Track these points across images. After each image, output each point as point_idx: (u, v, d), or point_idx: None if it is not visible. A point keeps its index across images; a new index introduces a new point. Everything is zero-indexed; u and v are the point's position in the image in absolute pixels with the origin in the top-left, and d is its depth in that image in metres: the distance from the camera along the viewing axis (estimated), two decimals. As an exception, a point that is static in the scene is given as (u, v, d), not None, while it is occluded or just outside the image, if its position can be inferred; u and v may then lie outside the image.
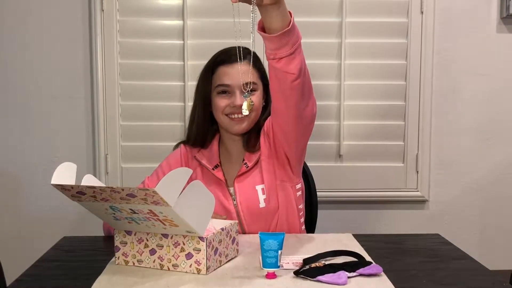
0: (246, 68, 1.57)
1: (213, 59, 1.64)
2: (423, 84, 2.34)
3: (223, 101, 1.59)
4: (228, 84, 1.58)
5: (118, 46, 2.31)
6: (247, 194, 1.59)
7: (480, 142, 2.40)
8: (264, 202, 1.58)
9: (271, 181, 1.60)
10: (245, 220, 1.59)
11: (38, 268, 1.30)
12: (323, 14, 2.32)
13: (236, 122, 1.59)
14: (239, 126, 1.60)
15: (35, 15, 2.30)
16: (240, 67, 1.55)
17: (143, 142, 2.34)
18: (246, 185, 1.60)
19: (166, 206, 1.12)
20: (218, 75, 1.60)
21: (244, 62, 1.56)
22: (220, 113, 1.60)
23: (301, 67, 1.39)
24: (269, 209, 1.59)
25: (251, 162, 1.61)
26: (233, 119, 1.59)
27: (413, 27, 2.33)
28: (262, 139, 1.63)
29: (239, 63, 1.54)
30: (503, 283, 1.20)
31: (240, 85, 1.56)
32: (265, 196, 1.58)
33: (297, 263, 1.27)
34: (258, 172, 1.61)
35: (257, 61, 1.62)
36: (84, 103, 2.34)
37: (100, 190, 1.15)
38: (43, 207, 2.37)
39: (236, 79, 1.56)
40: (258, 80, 1.61)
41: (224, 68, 1.59)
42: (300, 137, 1.55)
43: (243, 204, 1.59)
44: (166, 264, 1.25)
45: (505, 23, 2.34)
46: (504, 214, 2.43)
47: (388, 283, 1.17)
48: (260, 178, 1.60)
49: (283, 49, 1.37)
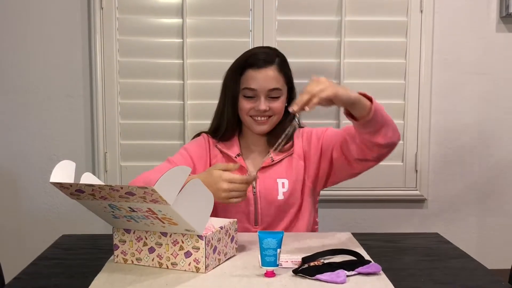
0: (273, 74, 1.61)
1: (243, 60, 1.65)
2: (422, 83, 2.34)
3: (248, 103, 1.63)
4: (254, 89, 1.61)
5: (117, 44, 2.30)
6: (267, 184, 1.64)
7: (479, 141, 2.40)
8: (283, 195, 1.63)
9: (296, 179, 1.65)
10: (261, 209, 1.63)
11: (37, 266, 1.30)
12: (322, 13, 2.32)
13: (258, 124, 1.65)
14: (261, 128, 1.65)
15: (34, 13, 2.29)
16: (267, 72, 1.60)
17: (142, 140, 2.34)
18: (268, 176, 1.64)
19: (165, 205, 1.12)
20: (245, 78, 1.63)
21: (271, 68, 1.61)
22: (244, 114, 1.65)
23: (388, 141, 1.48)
24: (286, 202, 1.64)
25: (278, 157, 1.66)
26: (256, 121, 1.64)
27: (412, 26, 2.33)
28: (300, 142, 1.68)
29: (267, 68, 1.61)
30: (502, 282, 1.20)
31: (265, 91, 1.61)
32: (286, 190, 1.63)
33: (296, 261, 1.27)
34: (283, 166, 1.66)
35: (284, 66, 1.65)
36: (83, 101, 2.34)
37: (99, 188, 1.14)
38: (42, 205, 2.36)
39: (262, 85, 1.60)
40: (283, 85, 1.64)
41: (252, 72, 1.62)
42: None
43: (262, 192, 1.63)
44: (165, 263, 1.25)
45: (504, 22, 2.34)
46: (502, 213, 2.43)
47: (387, 282, 1.17)
48: (284, 172, 1.65)
49: (368, 129, 1.45)
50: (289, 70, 1.67)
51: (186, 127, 2.32)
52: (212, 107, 2.30)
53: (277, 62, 1.62)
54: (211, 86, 2.32)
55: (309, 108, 1.33)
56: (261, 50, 1.69)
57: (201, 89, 2.33)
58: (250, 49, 1.73)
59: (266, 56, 1.63)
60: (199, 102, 2.33)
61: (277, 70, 1.62)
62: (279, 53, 1.67)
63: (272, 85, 1.61)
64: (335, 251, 1.34)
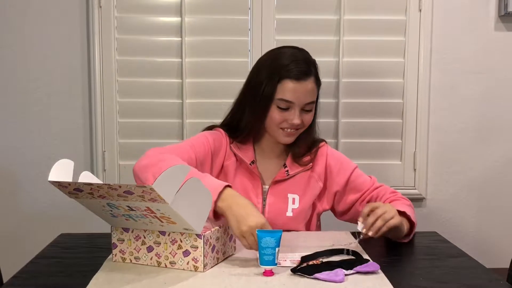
0: (311, 87, 1.53)
1: (282, 67, 1.52)
2: (420, 82, 2.34)
3: (281, 115, 1.53)
4: (291, 101, 1.52)
5: (115, 43, 2.30)
6: (277, 198, 1.59)
7: (477, 140, 2.40)
8: (292, 212, 1.58)
9: (309, 197, 1.62)
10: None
11: (35, 265, 1.30)
12: (321, 12, 2.32)
13: (286, 135, 1.56)
14: (289, 139, 1.58)
15: (33, 11, 2.29)
16: (307, 86, 1.52)
17: (141, 139, 2.34)
18: (279, 190, 1.60)
19: (163, 203, 1.12)
20: (283, 87, 1.51)
21: (310, 80, 1.53)
22: (274, 125, 1.55)
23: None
24: (294, 220, 1.59)
25: (293, 171, 1.61)
26: (285, 132, 1.56)
27: (411, 25, 2.33)
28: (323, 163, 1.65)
29: (306, 81, 1.52)
30: (500, 280, 1.20)
31: (302, 104, 1.53)
32: (296, 206, 1.58)
33: (294, 260, 1.27)
34: (297, 182, 1.62)
35: (318, 76, 1.57)
36: (81, 100, 2.33)
37: (97, 187, 1.14)
38: (40, 204, 2.36)
39: (300, 99, 1.52)
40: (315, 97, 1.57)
41: (291, 83, 1.50)
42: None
43: (271, 206, 1.59)
44: (164, 262, 1.25)
45: (503, 21, 2.34)
46: (501, 212, 2.43)
47: (385, 281, 1.17)
48: (297, 188, 1.60)
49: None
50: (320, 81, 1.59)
51: (184, 126, 2.32)
52: (210, 105, 2.33)
53: (314, 73, 1.54)
54: (210, 85, 2.33)
55: (377, 236, 1.36)
56: (299, 56, 1.54)
57: (200, 88, 2.33)
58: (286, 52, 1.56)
59: (306, 66, 1.52)
60: (198, 100, 2.33)
61: (314, 82, 1.54)
62: (312, 59, 1.58)
63: (310, 99, 1.53)
64: (334, 251, 1.34)
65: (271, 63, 1.54)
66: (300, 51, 1.57)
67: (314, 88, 1.54)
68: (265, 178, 1.62)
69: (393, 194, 1.63)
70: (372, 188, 1.66)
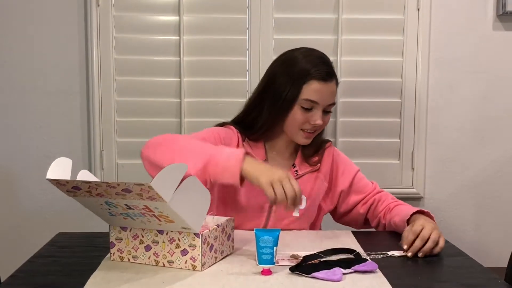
0: (335, 88, 1.58)
1: (309, 67, 1.54)
2: (419, 81, 2.34)
3: (304, 115, 1.55)
4: (316, 102, 1.54)
5: (113, 42, 2.30)
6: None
7: (475, 139, 2.40)
8: (299, 212, 1.58)
9: (315, 198, 1.63)
10: (272, 222, 1.60)
11: (33, 264, 1.30)
12: (319, 11, 2.32)
13: (306, 136, 1.58)
14: (307, 140, 1.59)
15: (31, 10, 2.28)
16: (331, 87, 1.56)
17: (139, 138, 2.33)
18: None
19: (161, 202, 1.12)
20: (309, 88, 1.53)
21: (334, 81, 1.57)
22: (296, 125, 1.56)
23: None
24: (300, 219, 1.59)
25: (302, 171, 1.63)
26: (305, 132, 1.57)
27: (409, 24, 2.33)
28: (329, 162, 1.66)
29: (331, 82, 1.56)
30: (498, 280, 1.20)
31: (326, 105, 1.56)
32: (302, 207, 1.57)
33: (292, 259, 1.27)
34: (305, 182, 1.62)
35: (337, 79, 1.61)
36: (79, 99, 2.33)
37: (95, 185, 1.14)
38: (38, 202, 2.36)
39: (325, 99, 1.55)
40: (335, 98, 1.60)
41: (317, 84, 1.53)
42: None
43: (278, 207, 1.56)
44: (162, 261, 1.25)
45: (501, 21, 2.35)
46: (499, 212, 2.43)
47: (383, 280, 1.17)
48: (304, 188, 1.59)
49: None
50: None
51: (183, 125, 2.32)
52: (208, 104, 2.33)
53: (335, 76, 1.58)
54: (208, 84, 2.33)
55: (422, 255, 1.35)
56: (325, 58, 1.59)
57: (198, 87, 2.33)
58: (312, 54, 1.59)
59: (331, 68, 1.57)
60: (196, 99, 2.33)
61: (336, 84, 1.58)
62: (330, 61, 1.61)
63: (332, 100, 1.57)
64: (334, 250, 1.34)
65: (297, 64, 1.55)
66: (322, 53, 1.61)
67: (336, 90, 1.59)
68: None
69: (395, 200, 1.66)
70: (374, 192, 1.69)
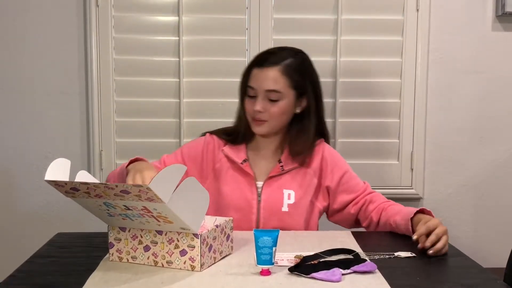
0: (274, 75, 1.57)
1: (253, 58, 1.64)
2: (418, 81, 2.34)
3: (249, 103, 1.60)
4: (253, 87, 1.58)
5: (113, 42, 2.30)
6: (272, 194, 1.60)
7: (474, 140, 2.40)
8: (288, 207, 1.59)
9: (304, 193, 1.62)
10: (263, 219, 1.60)
11: (32, 264, 1.30)
12: (319, 11, 2.32)
13: (256, 124, 1.61)
14: (258, 129, 1.61)
15: (30, 10, 2.28)
16: (268, 72, 1.56)
17: (138, 139, 2.34)
18: (274, 186, 1.61)
19: (160, 203, 1.12)
20: (250, 76, 1.60)
21: (274, 68, 1.57)
22: (248, 116, 1.62)
23: None
24: (291, 215, 1.59)
25: (288, 167, 1.63)
26: (254, 121, 1.61)
27: (408, 25, 2.33)
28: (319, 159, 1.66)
29: (269, 68, 1.56)
30: (497, 280, 1.20)
31: (263, 91, 1.57)
32: (292, 202, 1.60)
33: (291, 260, 1.27)
34: (292, 177, 1.63)
35: (292, 69, 1.59)
36: (78, 99, 2.33)
37: (94, 187, 1.14)
38: (37, 203, 2.36)
39: (262, 84, 1.57)
40: (285, 89, 1.57)
41: (255, 70, 1.59)
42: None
43: (266, 202, 1.60)
44: (160, 261, 1.25)
45: (500, 21, 2.35)
46: (498, 212, 2.43)
47: (382, 280, 1.17)
48: (292, 183, 1.61)
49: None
50: (302, 75, 1.61)
51: (182, 125, 2.32)
52: (207, 105, 2.33)
53: (283, 64, 1.57)
54: (207, 84, 2.33)
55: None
56: (274, 50, 1.65)
57: (197, 87, 2.33)
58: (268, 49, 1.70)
59: (273, 56, 1.59)
60: (195, 100, 2.33)
61: (279, 71, 1.56)
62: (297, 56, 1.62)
63: (270, 86, 1.56)
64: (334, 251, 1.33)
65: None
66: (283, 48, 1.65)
67: (277, 77, 1.56)
68: (260, 175, 1.64)
69: (387, 200, 1.69)
70: (366, 192, 1.69)
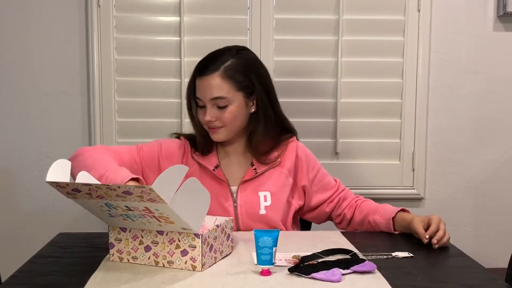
0: (215, 82, 1.51)
1: (195, 66, 1.58)
2: (419, 82, 2.35)
3: (201, 113, 1.56)
4: (199, 97, 1.55)
5: (114, 42, 2.30)
6: (248, 198, 1.59)
7: (475, 140, 2.40)
8: (265, 209, 1.58)
9: (280, 193, 1.61)
10: (242, 223, 1.59)
11: (33, 264, 1.30)
12: (320, 11, 2.32)
13: (213, 132, 1.57)
14: (216, 136, 1.57)
15: (32, 11, 2.29)
16: (208, 81, 1.51)
17: (140, 139, 2.32)
18: (249, 189, 1.60)
19: (162, 203, 1.12)
20: (196, 86, 1.56)
21: (214, 75, 1.51)
22: (203, 125, 1.58)
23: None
24: (269, 217, 1.58)
25: (261, 169, 1.61)
26: (209, 129, 1.57)
27: (409, 25, 2.33)
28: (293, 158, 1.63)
29: (209, 76, 1.51)
30: (498, 280, 1.20)
31: (208, 100, 1.52)
32: (268, 204, 1.58)
33: (291, 260, 1.27)
34: (266, 179, 1.61)
35: (232, 71, 1.52)
36: (80, 99, 2.33)
37: (95, 188, 1.14)
38: (38, 203, 2.36)
39: (205, 94, 1.52)
40: (230, 93, 1.52)
41: (198, 80, 1.54)
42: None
43: (242, 207, 1.58)
44: (161, 261, 1.25)
45: (501, 21, 2.35)
46: (499, 212, 2.43)
47: (382, 280, 1.17)
48: (267, 184, 1.60)
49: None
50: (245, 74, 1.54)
51: (183, 125, 2.32)
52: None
53: (223, 69, 1.51)
54: (209, 85, 2.33)
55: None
56: (214, 54, 1.57)
57: (199, 88, 2.33)
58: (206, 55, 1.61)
59: (210, 62, 1.53)
60: (197, 100, 2.33)
61: (221, 77, 1.50)
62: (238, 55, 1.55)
63: (215, 94, 1.51)
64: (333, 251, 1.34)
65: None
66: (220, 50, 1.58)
67: (219, 84, 1.51)
68: (234, 180, 1.61)
69: (357, 196, 1.72)
70: (339, 190, 1.70)
